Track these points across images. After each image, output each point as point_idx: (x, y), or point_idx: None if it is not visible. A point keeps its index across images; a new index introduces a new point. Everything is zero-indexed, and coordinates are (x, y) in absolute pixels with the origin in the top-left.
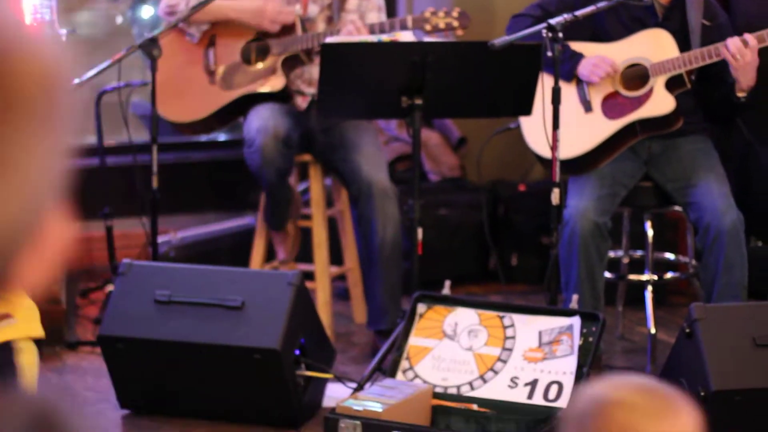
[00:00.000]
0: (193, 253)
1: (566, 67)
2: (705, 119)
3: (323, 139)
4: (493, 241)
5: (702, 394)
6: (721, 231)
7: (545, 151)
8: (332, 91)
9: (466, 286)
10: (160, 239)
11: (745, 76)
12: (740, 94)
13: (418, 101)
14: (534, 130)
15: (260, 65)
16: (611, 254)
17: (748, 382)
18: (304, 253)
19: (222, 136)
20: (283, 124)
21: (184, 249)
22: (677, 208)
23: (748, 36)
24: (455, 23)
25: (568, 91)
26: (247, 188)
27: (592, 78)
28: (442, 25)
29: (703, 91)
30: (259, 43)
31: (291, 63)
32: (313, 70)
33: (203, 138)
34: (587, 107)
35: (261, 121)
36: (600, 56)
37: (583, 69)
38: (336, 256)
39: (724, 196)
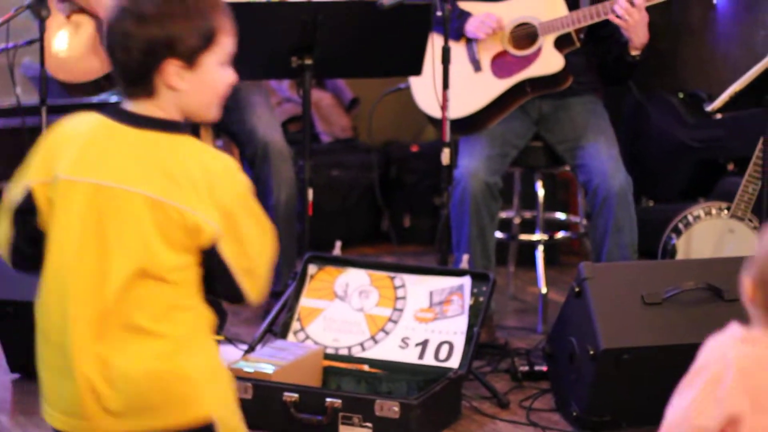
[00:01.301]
0: None
1: (454, 26)
2: (601, 80)
3: None
4: (386, 202)
5: (591, 352)
6: (610, 193)
7: (435, 111)
8: None
9: (359, 247)
10: None
11: (636, 35)
12: (634, 53)
13: (309, 61)
14: (424, 90)
15: None
16: (503, 214)
17: (637, 341)
18: None
19: (114, 98)
20: None
21: None
22: (568, 168)
23: None
24: None
25: (458, 50)
26: None
27: (478, 35)
28: None
29: (598, 51)
30: None
31: None
32: None
33: (95, 100)
34: (476, 66)
35: None
36: (486, 13)
37: (470, 26)
38: None
39: (612, 159)
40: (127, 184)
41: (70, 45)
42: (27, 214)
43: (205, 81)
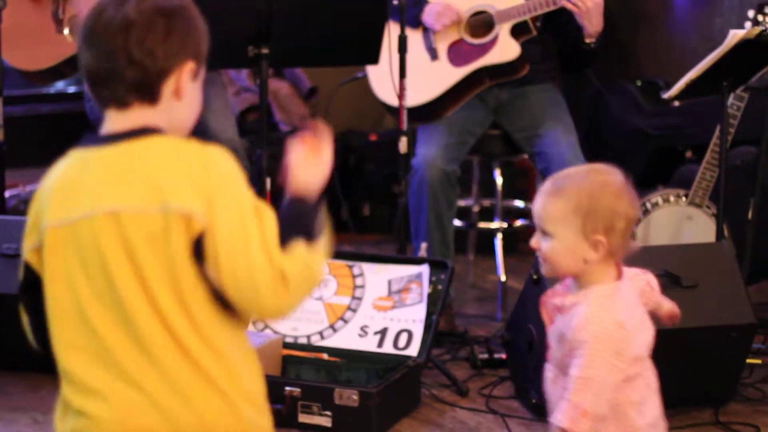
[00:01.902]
0: None
1: (411, 12)
2: (561, 68)
3: None
4: (345, 190)
5: None
6: None
7: (392, 100)
8: None
9: None
10: (11, 193)
11: (590, 22)
12: (588, 40)
13: (265, 50)
14: (381, 78)
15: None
16: (462, 203)
17: None
18: None
19: (71, 88)
20: None
21: None
22: (526, 156)
23: None
24: None
25: (414, 39)
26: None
27: (435, 26)
28: None
29: (556, 40)
30: None
31: None
32: None
33: (52, 90)
34: (433, 55)
35: None
36: (445, 4)
37: (428, 17)
38: None
39: (571, 146)
40: (94, 208)
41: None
42: (31, 291)
43: (197, 95)
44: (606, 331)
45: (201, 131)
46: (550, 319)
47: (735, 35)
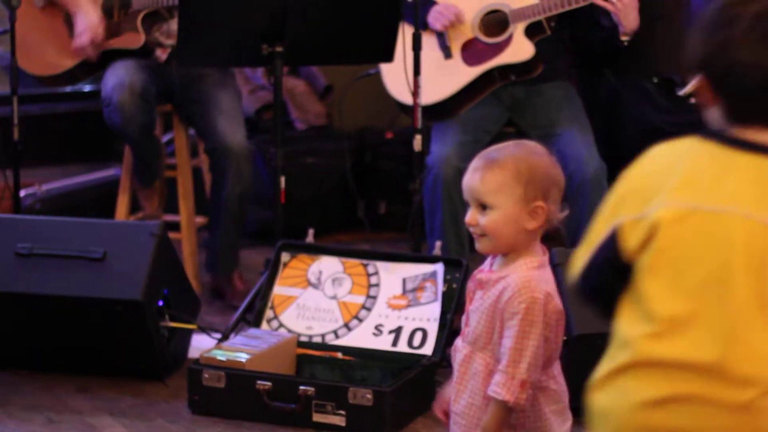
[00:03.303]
0: (59, 205)
1: (421, 14)
2: (577, 65)
3: (183, 92)
4: (361, 188)
5: (565, 338)
6: (585, 180)
7: (406, 98)
8: (191, 39)
9: (334, 234)
10: (26, 192)
11: (626, 19)
12: (624, 38)
13: (279, 49)
14: (394, 77)
15: (120, 21)
16: None
17: (610, 326)
18: (170, 204)
19: (87, 87)
20: (139, 79)
21: (49, 201)
22: None
23: None
24: None
25: (428, 37)
26: (112, 139)
27: (435, 25)
28: None
29: (580, 36)
30: None
31: (151, 19)
32: (173, 24)
33: (68, 89)
34: (447, 54)
35: (116, 79)
36: (446, 4)
37: (430, 17)
38: (201, 206)
39: (587, 145)
40: (732, 207)
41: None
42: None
43: None
44: (537, 301)
45: (209, 133)
46: (470, 298)
47: None
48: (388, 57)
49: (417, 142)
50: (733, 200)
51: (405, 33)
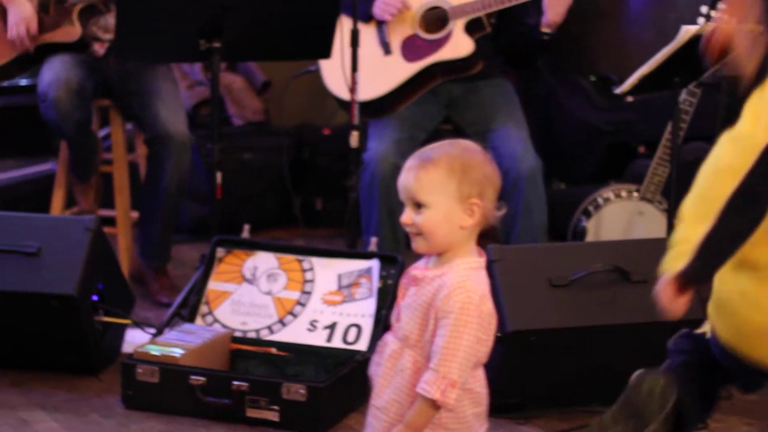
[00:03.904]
0: None
1: (362, 8)
2: (506, 62)
3: (121, 85)
4: (299, 185)
5: (499, 334)
6: (520, 176)
7: (344, 94)
8: (129, 34)
9: (270, 230)
10: None
11: (554, 9)
12: (545, 30)
13: (217, 44)
14: (333, 72)
15: (56, 15)
16: None
17: (544, 323)
18: (106, 199)
19: (23, 81)
20: (76, 75)
21: None
22: None
23: None
24: None
25: (368, 33)
26: (48, 134)
27: (384, 16)
28: None
29: (505, 32)
30: None
31: (88, 13)
32: (110, 18)
33: (4, 83)
34: (386, 50)
35: (53, 74)
36: None
37: (376, 8)
38: (137, 201)
39: (522, 141)
40: None
41: None
42: None
43: None
44: (472, 301)
45: (150, 122)
46: (402, 294)
47: (687, 31)
48: (326, 53)
49: (354, 138)
50: None
51: (344, 28)
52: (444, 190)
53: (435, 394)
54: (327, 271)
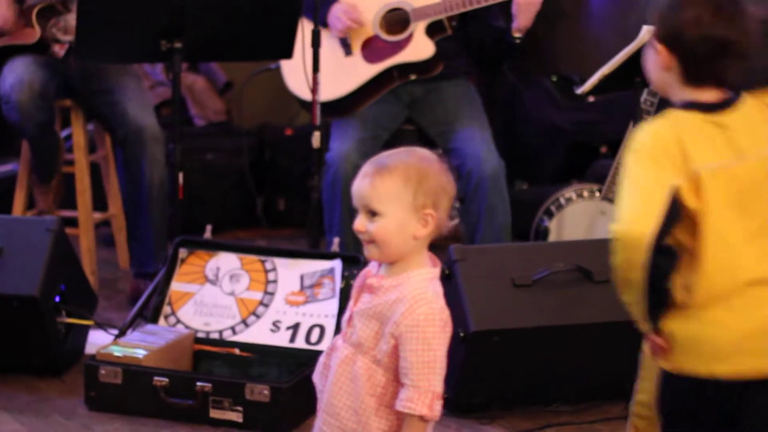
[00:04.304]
0: None
1: (323, 12)
2: (476, 64)
3: (84, 85)
4: (261, 185)
5: (461, 335)
6: (483, 177)
7: (305, 94)
8: (90, 35)
9: (232, 231)
10: None
11: (525, 15)
12: (516, 34)
13: (178, 44)
14: (294, 73)
15: (15, 17)
16: None
17: (507, 323)
18: (68, 200)
19: None
20: (38, 77)
21: None
22: (441, 151)
23: None
24: None
25: (328, 34)
26: (10, 134)
27: (334, 27)
28: None
29: (474, 35)
30: None
31: (47, 14)
32: (69, 18)
33: None
34: (347, 51)
35: (15, 76)
36: (346, 4)
37: (330, 17)
38: (99, 202)
39: (485, 142)
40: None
41: None
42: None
43: None
44: (434, 311)
45: (119, 120)
46: (355, 300)
47: (648, 31)
48: (287, 54)
49: (315, 138)
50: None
51: (305, 29)
52: (399, 199)
53: (423, 410)
54: (290, 272)
